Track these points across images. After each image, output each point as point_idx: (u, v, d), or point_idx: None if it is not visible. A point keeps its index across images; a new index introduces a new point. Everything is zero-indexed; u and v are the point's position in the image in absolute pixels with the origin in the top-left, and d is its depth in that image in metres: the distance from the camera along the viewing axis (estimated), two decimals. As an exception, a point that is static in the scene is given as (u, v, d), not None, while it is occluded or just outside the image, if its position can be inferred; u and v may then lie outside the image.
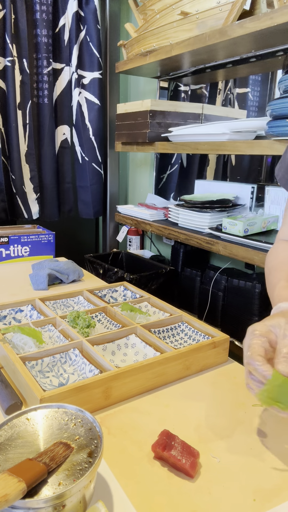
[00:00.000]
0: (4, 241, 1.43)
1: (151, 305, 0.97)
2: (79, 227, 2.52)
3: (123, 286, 1.09)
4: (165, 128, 1.67)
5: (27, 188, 2.04)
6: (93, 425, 0.48)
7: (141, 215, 1.83)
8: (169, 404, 0.66)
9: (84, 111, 2.10)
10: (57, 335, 0.81)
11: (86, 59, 2.05)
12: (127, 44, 1.79)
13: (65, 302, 1.00)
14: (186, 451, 0.53)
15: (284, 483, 0.51)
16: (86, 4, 2.00)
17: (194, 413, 0.64)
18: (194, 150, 1.47)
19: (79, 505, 0.42)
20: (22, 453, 0.44)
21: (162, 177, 2.13)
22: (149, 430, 0.59)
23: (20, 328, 0.78)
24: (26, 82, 1.90)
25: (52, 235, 1.52)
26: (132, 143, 1.84)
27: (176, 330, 0.86)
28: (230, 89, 1.82)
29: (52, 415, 0.50)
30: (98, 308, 0.92)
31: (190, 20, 1.35)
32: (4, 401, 0.63)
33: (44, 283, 1.17)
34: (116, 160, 2.29)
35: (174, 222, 1.63)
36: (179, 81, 1.95)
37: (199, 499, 0.48)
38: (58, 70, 2.03)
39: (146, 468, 0.53)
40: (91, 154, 2.15)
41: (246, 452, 0.56)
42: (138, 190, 2.37)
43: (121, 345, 0.79)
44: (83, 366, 0.70)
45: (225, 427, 0.61)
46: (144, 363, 0.68)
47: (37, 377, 0.67)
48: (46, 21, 1.92)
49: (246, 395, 0.68)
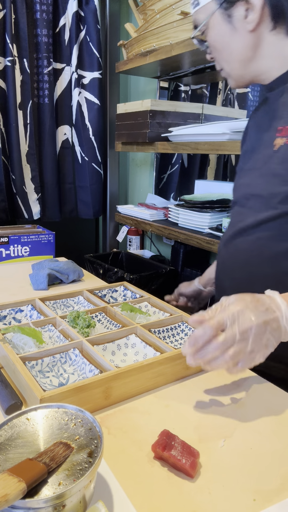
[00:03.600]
0: (4, 241, 1.43)
1: (151, 305, 0.97)
2: (79, 227, 2.52)
3: (123, 286, 1.09)
4: (165, 128, 1.67)
5: (28, 188, 2.04)
6: (93, 425, 0.48)
7: (141, 215, 1.83)
8: (169, 404, 0.66)
9: (84, 111, 2.10)
10: (57, 335, 0.81)
11: (86, 59, 2.05)
12: (127, 44, 1.79)
13: (65, 302, 1.00)
14: (186, 451, 0.53)
15: (284, 483, 0.51)
16: (86, 4, 2.00)
17: (194, 413, 0.64)
18: (194, 150, 1.47)
19: (79, 505, 0.42)
20: (22, 453, 0.44)
21: (163, 177, 2.13)
22: (149, 430, 0.59)
23: (20, 328, 0.78)
24: (27, 82, 1.90)
25: (52, 235, 1.52)
26: (132, 143, 1.84)
27: (176, 330, 0.86)
28: (230, 89, 1.82)
29: (52, 415, 0.50)
30: (98, 308, 0.92)
31: (190, 20, 1.35)
32: (4, 401, 0.63)
33: (44, 283, 1.17)
34: (116, 160, 2.29)
35: (174, 222, 1.63)
36: (179, 81, 1.95)
37: (199, 499, 0.48)
38: (58, 70, 2.03)
39: (146, 468, 0.53)
40: (91, 154, 2.15)
41: (246, 452, 0.56)
42: (138, 190, 2.37)
43: (121, 345, 0.79)
44: (83, 366, 0.70)
45: (225, 427, 0.61)
46: (144, 363, 0.68)
47: (37, 377, 0.67)
48: (46, 21, 1.92)
49: (246, 395, 0.69)
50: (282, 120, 0.82)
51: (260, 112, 0.93)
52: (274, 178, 0.80)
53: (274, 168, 0.80)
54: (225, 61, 0.85)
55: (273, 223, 0.81)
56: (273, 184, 0.80)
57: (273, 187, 0.80)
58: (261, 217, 0.82)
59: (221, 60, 0.86)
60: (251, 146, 0.92)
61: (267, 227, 0.82)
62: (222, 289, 0.95)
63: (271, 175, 0.81)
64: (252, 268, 0.85)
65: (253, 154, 0.90)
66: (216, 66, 0.89)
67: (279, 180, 0.79)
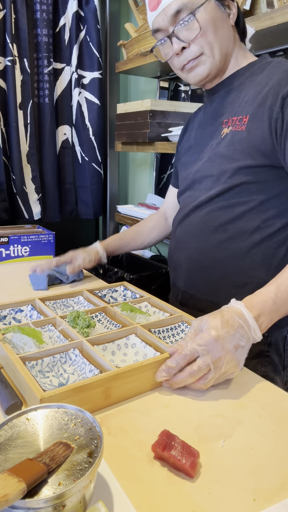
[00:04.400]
0: (4, 241, 1.43)
1: (151, 305, 0.97)
2: (79, 227, 2.52)
3: (123, 286, 1.09)
4: (165, 128, 1.67)
5: (28, 188, 2.03)
6: (93, 425, 0.48)
7: (141, 215, 1.83)
8: (169, 404, 0.66)
9: (84, 111, 2.10)
10: (57, 335, 0.81)
11: (86, 59, 2.05)
12: (127, 44, 1.79)
13: (65, 302, 1.00)
14: (186, 451, 0.53)
15: (284, 483, 0.51)
16: (86, 4, 2.00)
17: (194, 413, 0.64)
18: (194, 150, 1.47)
19: (79, 505, 0.42)
20: (22, 453, 0.44)
21: (163, 177, 2.13)
22: (149, 430, 0.59)
23: (20, 328, 0.78)
24: (27, 81, 1.90)
25: (52, 235, 1.52)
26: (132, 143, 1.84)
27: (176, 330, 0.86)
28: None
29: (52, 415, 0.50)
30: (98, 308, 0.92)
31: (190, 20, 1.35)
32: (4, 401, 0.63)
33: (44, 284, 1.17)
34: (116, 160, 2.29)
35: (174, 222, 1.63)
36: (179, 81, 1.95)
37: (199, 499, 0.48)
38: (58, 70, 2.03)
39: (146, 468, 0.53)
40: (91, 154, 2.15)
41: (246, 452, 0.56)
42: (138, 190, 2.37)
43: (121, 345, 0.79)
44: (83, 366, 0.70)
45: (225, 427, 0.61)
46: (144, 363, 0.68)
47: (37, 377, 0.67)
48: (46, 20, 1.92)
49: (246, 395, 0.69)
50: (225, 114, 0.96)
51: (202, 114, 1.09)
52: (223, 159, 0.92)
53: (222, 152, 0.93)
54: (210, 44, 0.90)
55: (223, 196, 0.93)
56: (222, 164, 0.93)
57: (222, 166, 0.92)
58: (212, 192, 0.94)
59: (205, 44, 0.90)
60: (195, 142, 1.07)
61: (218, 200, 0.94)
62: (178, 264, 1.06)
63: (220, 157, 0.93)
64: (205, 236, 0.96)
65: (198, 148, 1.04)
66: (190, 53, 0.91)
67: (227, 160, 0.91)
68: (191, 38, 0.89)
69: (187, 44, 0.90)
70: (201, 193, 0.98)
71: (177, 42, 0.91)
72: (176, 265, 1.07)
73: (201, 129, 1.06)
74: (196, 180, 1.01)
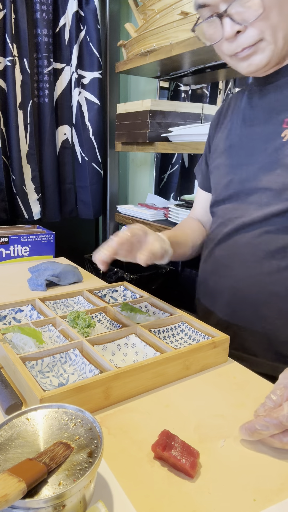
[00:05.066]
0: (4, 241, 1.43)
1: (151, 305, 0.97)
2: (79, 227, 2.52)
3: (123, 286, 1.09)
4: (165, 128, 1.67)
5: (28, 188, 2.03)
6: (93, 425, 0.48)
7: (141, 215, 1.83)
8: (169, 404, 0.66)
9: (84, 111, 2.10)
10: (57, 335, 0.81)
11: (86, 59, 2.05)
12: (127, 44, 1.79)
13: (65, 302, 1.00)
14: (186, 451, 0.53)
15: (284, 483, 0.51)
16: (86, 4, 2.00)
17: (194, 413, 0.64)
18: (194, 150, 1.47)
19: (79, 505, 0.42)
20: (22, 453, 0.44)
21: (163, 177, 2.13)
22: (149, 430, 0.59)
23: (20, 328, 0.78)
24: (27, 81, 1.90)
25: (52, 235, 1.52)
26: (132, 143, 1.84)
27: (176, 330, 0.86)
28: (230, 89, 1.82)
29: (52, 415, 0.50)
30: (98, 308, 0.92)
31: (190, 20, 1.35)
32: (4, 401, 0.63)
33: (42, 287, 1.17)
34: (116, 160, 2.29)
35: (174, 222, 1.63)
36: (179, 81, 1.95)
37: (199, 499, 0.48)
38: (58, 70, 2.03)
39: (146, 468, 0.53)
40: (91, 154, 2.15)
41: (246, 452, 0.56)
42: (138, 190, 2.37)
43: (121, 345, 0.79)
44: (83, 366, 0.70)
45: (225, 427, 0.61)
46: (144, 363, 0.68)
47: (37, 377, 0.67)
48: (46, 20, 1.92)
49: (246, 395, 0.69)
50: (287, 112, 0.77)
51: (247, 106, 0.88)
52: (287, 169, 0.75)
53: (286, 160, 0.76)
54: (272, 28, 0.71)
55: (285, 216, 0.76)
56: (286, 176, 0.76)
57: (285, 179, 0.76)
58: (270, 210, 0.78)
59: (266, 28, 0.71)
60: (239, 141, 0.88)
61: (276, 221, 0.77)
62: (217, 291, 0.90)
63: (282, 166, 0.76)
64: (257, 262, 0.80)
65: (244, 149, 0.86)
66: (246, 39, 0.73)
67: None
68: (250, 21, 0.69)
69: (243, 27, 0.70)
70: (252, 208, 0.81)
71: (230, 24, 0.70)
72: (215, 293, 0.90)
73: (249, 126, 0.87)
74: (243, 191, 0.84)
